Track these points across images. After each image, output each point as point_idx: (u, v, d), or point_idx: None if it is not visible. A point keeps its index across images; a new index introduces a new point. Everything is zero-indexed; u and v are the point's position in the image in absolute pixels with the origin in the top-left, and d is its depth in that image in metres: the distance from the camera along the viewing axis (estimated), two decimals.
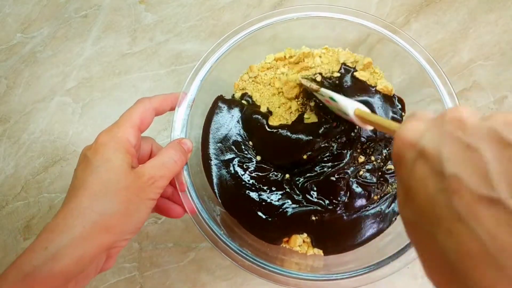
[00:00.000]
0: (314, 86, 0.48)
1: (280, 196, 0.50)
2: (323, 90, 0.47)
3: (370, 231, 0.51)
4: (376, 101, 0.52)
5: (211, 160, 0.52)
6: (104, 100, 0.64)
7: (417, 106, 0.54)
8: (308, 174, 0.50)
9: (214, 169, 0.52)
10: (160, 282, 0.55)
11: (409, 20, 0.66)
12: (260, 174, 0.51)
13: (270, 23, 0.51)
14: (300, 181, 0.50)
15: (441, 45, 0.64)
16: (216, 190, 0.51)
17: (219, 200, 0.50)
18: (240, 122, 0.53)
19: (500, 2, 0.66)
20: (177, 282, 0.55)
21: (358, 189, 0.50)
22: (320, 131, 0.49)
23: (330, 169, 0.49)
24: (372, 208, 0.51)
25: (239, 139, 0.52)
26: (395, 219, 0.51)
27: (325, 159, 0.50)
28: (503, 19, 0.65)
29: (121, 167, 0.36)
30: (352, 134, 0.49)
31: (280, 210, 0.50)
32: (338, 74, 0.52)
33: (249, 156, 0.52)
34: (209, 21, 0.67)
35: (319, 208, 0.50)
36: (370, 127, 0.43)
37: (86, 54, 0.66)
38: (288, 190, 0.50)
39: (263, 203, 0.50)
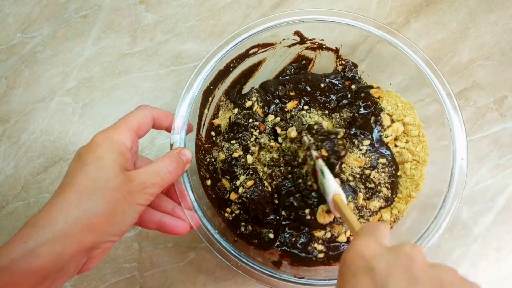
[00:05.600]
0: (314, 153, 0.47)
1: None
2: (319, 161, 0.46)
3: None
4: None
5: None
6: (104, 100, 0.64)
7: (416, 106, 0.54)
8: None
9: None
10: (160, 282, 0.56)
11: (409, 20, 0.66)
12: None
13: (271, 27, 0.51)
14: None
15: (441, 45, 0.64)
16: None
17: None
18: None
19: (500, 2, 0.66)
20: (177, 282, 0.55)
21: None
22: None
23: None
24: None
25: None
26: None
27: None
28: (503, 19, 0.65)
29: (111, 167, 0.35)
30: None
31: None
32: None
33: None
34: (209, 21, 0.67)
35: None
36: (338, 215, 0.45)
37: (86, 54, 0.66)
38: None
39: None
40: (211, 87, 0.52)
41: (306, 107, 0.55)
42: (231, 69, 0.53)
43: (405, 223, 0.51)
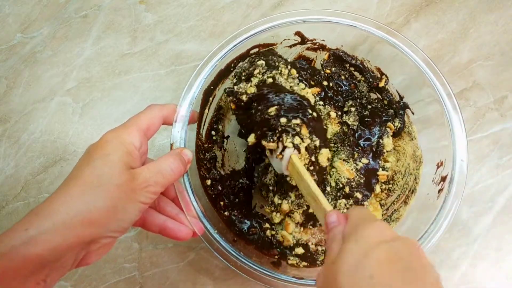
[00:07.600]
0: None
1: None
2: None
3: None
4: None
5: None
6: (104, 100, 0.64)
7: (416, 106, 0.54)
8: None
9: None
10: (160, 282, 0.56)
11: (409, 20, 0.66)
12: None
13: (271, 27, 0.51)
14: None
15: (441, 45, 0.64)
16: None
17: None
18: None
19: (500, 2, 0.66)
20: (177, 282, 0.55)
21: None
22: None
23: None
24: None
25: None
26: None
27: None
28: (503, 19, 0.65)
29: (117, 164, 0.36)
30: None
31: None
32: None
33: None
34: (209, 21, 0.67)
35: None
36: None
37: (86, 54, 0.66)
38: None
39: None
40: (212, 87, 0.52)
41: (321, 102, 0.56)
42: (232, 69, 0.53)
43: (405, 223, 0.51)
